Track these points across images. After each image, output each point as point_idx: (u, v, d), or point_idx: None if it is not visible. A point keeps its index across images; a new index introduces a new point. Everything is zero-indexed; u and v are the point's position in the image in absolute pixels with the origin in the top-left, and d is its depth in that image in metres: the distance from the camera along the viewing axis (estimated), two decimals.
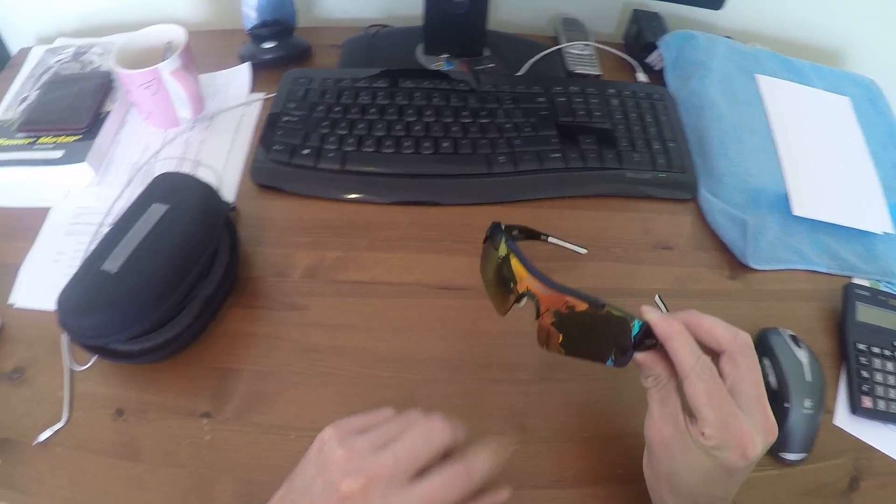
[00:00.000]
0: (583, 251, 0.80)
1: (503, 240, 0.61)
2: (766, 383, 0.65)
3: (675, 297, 0.76)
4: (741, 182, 0.86)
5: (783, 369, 0.66)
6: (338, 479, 0.47)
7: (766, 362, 0.67)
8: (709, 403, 0.48)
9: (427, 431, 0.51)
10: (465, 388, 0.68)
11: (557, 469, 0.63)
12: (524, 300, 0.59)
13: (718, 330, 0.52)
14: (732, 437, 0.48)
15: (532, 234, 0.78)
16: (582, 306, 0.54)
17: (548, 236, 0.79)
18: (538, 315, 0.58)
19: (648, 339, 0.53)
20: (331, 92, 0.92)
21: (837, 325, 0.76)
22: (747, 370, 0.50)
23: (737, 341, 0.51)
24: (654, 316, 0.53)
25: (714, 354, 0.52)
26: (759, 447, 0.48)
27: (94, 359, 0.71)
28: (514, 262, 0.59)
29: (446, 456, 0.51)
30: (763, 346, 0.69)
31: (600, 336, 0.55)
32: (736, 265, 0.80)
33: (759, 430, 0.48)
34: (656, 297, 0.72)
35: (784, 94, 1.00)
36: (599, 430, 0.66)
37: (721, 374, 0.50)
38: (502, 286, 0.62)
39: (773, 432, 0.49)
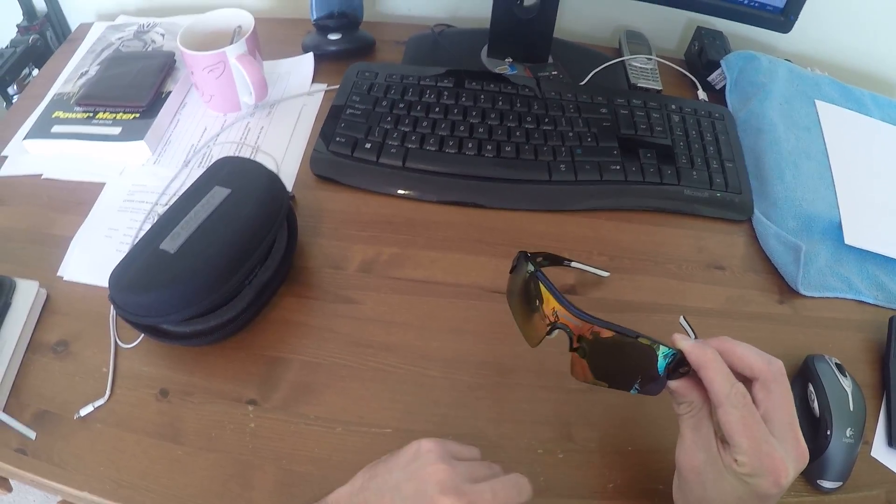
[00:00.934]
0: (605, 274, 0.80)
1: (532, 270, 0.59)
2: (810, 409, 0.66)
3: (725, 317, 0.76)
4: (795, 207, 0.86)
5: (827, 397, 0.65)
6: (434, 492, 0.48)
7: (811, 388, 0.67)
8: (743, 431, 0.49)
9: (518, 483, 0.52)
10: (515, 394, 0.69)
11: (600, 480, 0.63)
12: (556, 332, 0.58)
13: (752, 357, 0.52)
14: (765, 464, 0.48)
15: (555, 261, 0.77)
16: (612, 335, 0.54)
17: (570, 261, 0.78)
18: (571, 346, 0.57)
19: (682, 367, 0.53)
20: (395, 88, 0.93)
21: (881, 356, 0.75)
22: (780, 397, 0.50)
23: (770, 368, 0.51)
24: (686, 344, 0.53)
25: (746, 381, 0.52)
26: (790, 474, 0.48)
27: (141, 337, 0.72)
28: (545, 293, 0.57)
29: None
30: (809, 372, 0.69)
31: (633, 365, 0.55)
32: (786, 290, 0.80)
33: (791, 457, 0.48)
34: (681, 318, 0.72)
35: (843, 121, 1.00)
36: (644, 444, 0.66)
37: (754, 401, 0.50)
38: (533, 317, 0.60)
39: (805, 459, 0.49)
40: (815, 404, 0.66)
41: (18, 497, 1.70)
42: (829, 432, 0.63)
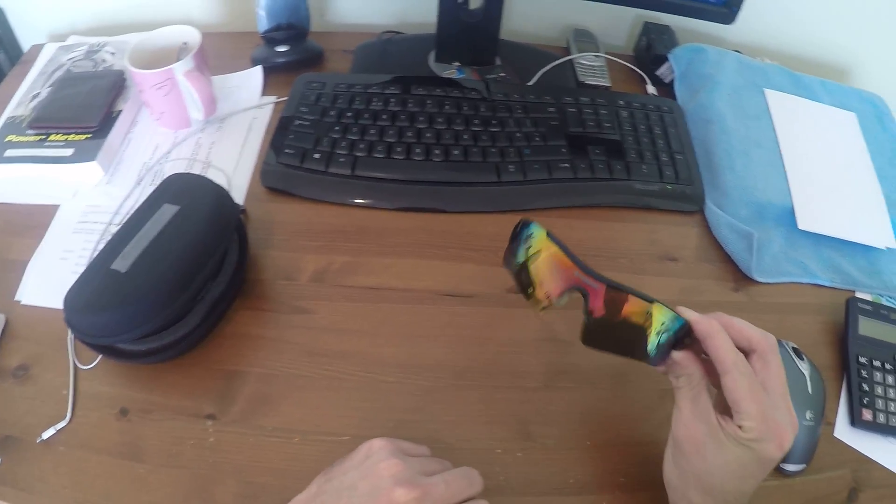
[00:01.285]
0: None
1: (545, 234, 0.59)
2: None
3: (681, 308, 0.76)
4: (747, 195, 0.87)
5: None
6: (389, 486, 0.49)
7: None
8: (751, 398, 0.50)
9: (469, 475, 0.55)
10: (472, 395, 0.69)
11: (561, 476, 0.64)
12: (565, 297, 0.58)
13: (749, 330, 0.55)
14: (771, 429, 0.50)
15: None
16: (633, 301, 0.55)
17: None
18: (586, 310, 0.57)
19: (686, 337, 0.55)
20: (343, 97, 0.93)
21: (839, 338, 0.77)
22: (776, 368, 0.53)
23: (766, 341, 0.54)
24: (693, 315, 0.55)
25: (743, 353, 0.54)
26: (791, 439, 0.51)
27: (99, 358, 0.72)
28: (561, 257, 0.58)
29: None
30: None
31: (642, 332, 0.55)
32: (740, 277, 0.81)
33: (788, 423, 0.51)
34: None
35: (791, 108, 1.01)
36: (603, 439, 0.66)
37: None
38: (537, 282, 0.59)
39: (796, 428, 0.52)
40: None
41: None
42: None
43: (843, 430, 0.69)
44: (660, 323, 0.54)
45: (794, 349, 0.70)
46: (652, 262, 0.82)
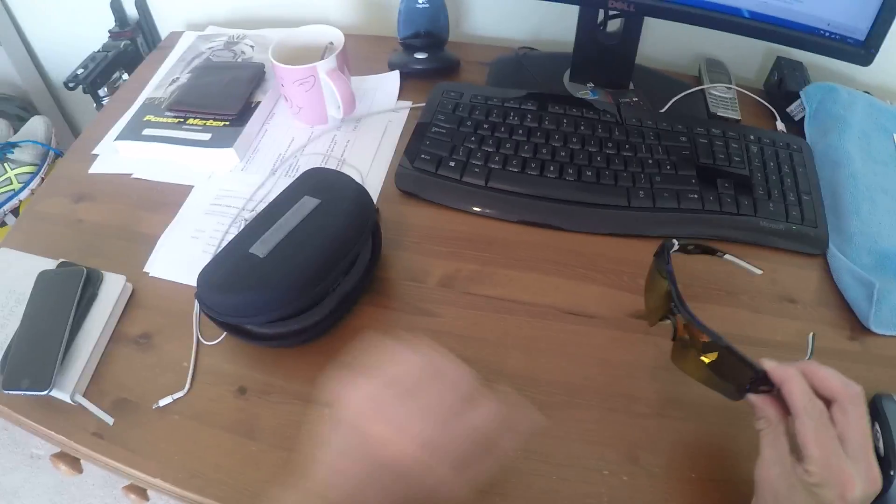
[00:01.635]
0: (758, 272, 0.80)
1: (665, 264, 0.67)
2: (876, 449, 0.64)
3: (795, 351, 0.75)
4: (871, 242, 0.86)
5: (893, 436, 0.64)
6: None
7: (877, 427, 0.66)
8: (815, 441, 0.51)
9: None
10: (584, 414, 0.70)
11: None
12: (668, 320, 0.67)
13: (832, 379, 0.55)
14: (834, 475, 0.50)
15: (708, 251, 0.79)
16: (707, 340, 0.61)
17: (724, 253, 0.80)
18: (674, 336, 0.66)
19: (764, 385, 0.57)
20: (480, 109, 0.96)
21: None
22: (856, 418, 0.53)
23: (847, 391, 0.54)
24: (771, 364, 0.57)
25: (827, 403, 0.54)
26: (858, 490, 0.50)
27: (223, 336, 0.75)
28: (668, 286, 0.66)
29: None
30: (875, 410, 0.68)
31: (722, 370, 0.61)
32: (857, 327, 0.80)
33: (861, 476, 0.51)
34: (810, 335, 0.73)
35: None
36: (708, 473, 0.66)
37: (832, 422, 0.53)
38: (657, 300, 0.69)
39: (876, 483, 0.52)
40: (881, 444, 0.65)
41: (76, 479, 1.76)
42: (892, 472, 0.63)
43: None
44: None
45: None
46: (771, 302, 0.81)
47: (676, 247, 0.71)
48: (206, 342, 0.75)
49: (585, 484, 0.65)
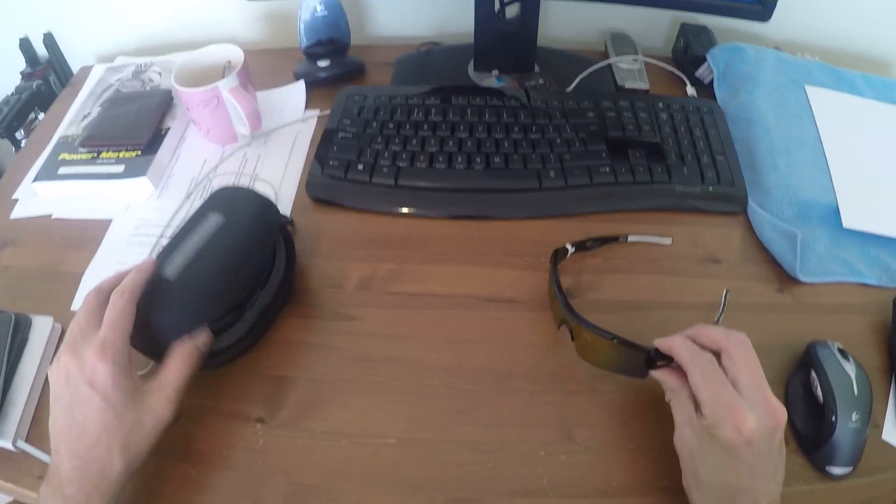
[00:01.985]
0: (667, 241, 0.83)
1: (552, 274, 0.73)
2: (814, 396, 0.66)
3: (725, 309, 0.75)
4: (791, 195, 0.86)
5: (830, 382, 0.65)
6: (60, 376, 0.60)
7: (813, 375, 0.67)
8: (703, 384, 0.55)
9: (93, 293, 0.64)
10: (515, 399, 0.69)
11: (603, 479, 0.64)
12: (562, 326, 0.71)
13: (715, 332, 0.59)
14: (724, 412, 0.53)
15: (608, 240, 0.82)
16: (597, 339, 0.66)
17: (626, 236, 0.83)
18: (571, 338, 0.70)
19: (661, 360, 0.62)
20: (384, 109, 0.95)
21: (887, 338, 0.75)
22: (743, 361, 0.56)
23: (730, 339, 0.58)
24: (659, 339, 0.62)
25: (718, 357, 0.58)
26: (751, 422, 0.52)
27: (151, 364, 0.73)
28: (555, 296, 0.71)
29: None
30: (810, 358, 0.68)
31: (621, 358, 0.66)
32: (785, 278, 0.80)
33: (758, 410, 0.53)
34: (725, 291, 0.77)
35: (834, 105, 1.00)
36: (645, 442, 0.66)
37: (723, 370, 0.56)
38: (555, 307, 0.73)
39: (776, 415, 0.54)
40: (819, 391, 0.65)
41: None
42: (833, 418, 0.63)
43: (891, 433, 0.67)
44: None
45: (839, 350, 0.68)
46: (695, 265, 0.81)
47: (572, 250, 0.78)
48: (137, 372, 0.73)
49: (523, 467, 0.64)
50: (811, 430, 0.65)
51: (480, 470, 0.64)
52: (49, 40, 1.33)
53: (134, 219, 0.91)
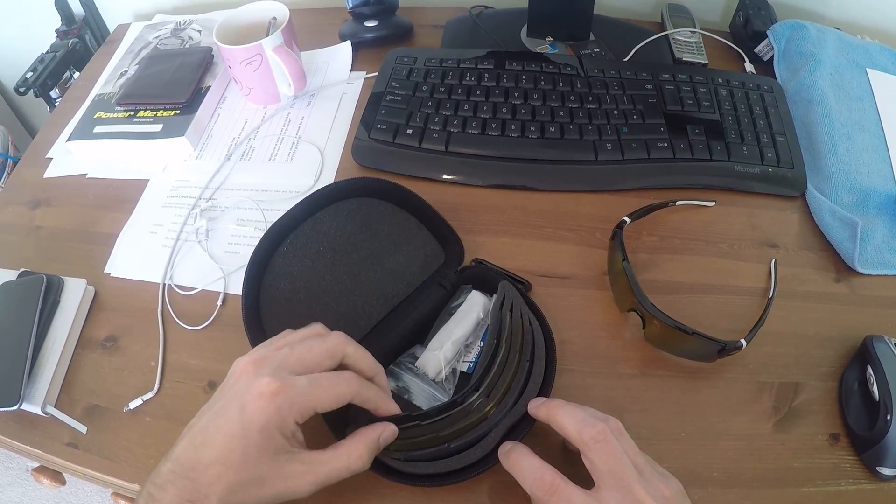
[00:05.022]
0: (710, 204, 0.82)
1: (621, 258, 0.70)
2: (869, 393, 0.64)
3: (779, 297, 0.73)
4: (850, 181, 0.83)
5: (887, 380, 0.63)
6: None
7: (870, 371, 0.65)
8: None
9: (330, 344, 0.56)
10: (566, 379, 0.67)
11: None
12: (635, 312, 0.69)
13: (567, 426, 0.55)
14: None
15: (657, 207, 0.80)
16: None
17: (674, 201, 0.81)
18: (644, 325, 0.68)
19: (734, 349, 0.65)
20: (435, 72, 0.92)
21: None
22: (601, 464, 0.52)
23: (581, 437, 0.53)
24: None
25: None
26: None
27: (188, 330, 0.73)
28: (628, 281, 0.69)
29: None
30: (867, 353, 0.66)
31: (694, 347, 0.66)
32: (843, 268, 0.78)
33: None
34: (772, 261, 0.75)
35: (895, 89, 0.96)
36: (696, 430, 0.64)
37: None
38: (621, 290, 0.71)
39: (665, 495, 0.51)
40: (875, 388, 0.63)
41: (74, 488, 1.76)
42: (889, 417, 0.61)
43: None
44: None
45: None
46: (752, 248, 0.79)
47: (629, 222, 0.75)
48: (172, 339, 0.73)
49: (572, 452, 0.62)
50: (864, 428, 0.63)
51: None
52: None
53: (171, 180, 0.90)
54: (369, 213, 0.73)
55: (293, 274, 0.68)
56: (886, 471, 0.61)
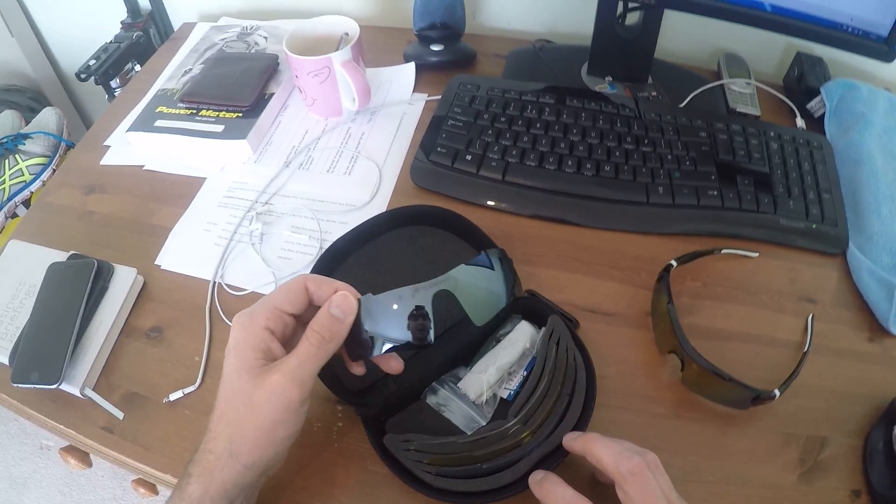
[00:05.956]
0: (754, 255, 0.83)
1: (666, 301, 0.72)
2: (893, 453, 0.64)
3: (813, 352, 0.74)
4: (891, 243, 0.84)
5: None
6: None
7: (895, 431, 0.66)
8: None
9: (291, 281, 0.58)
10: (602, 414, 0.68)
11: None
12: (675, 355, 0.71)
13: (604, 459, 0.56)
14: None
15: (704, 253, 0.82)
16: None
17: (720, 249, 0.82)
18: (682, 368, 0.70)
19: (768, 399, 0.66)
20: (497, 101, 0.95)
21: None
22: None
23: (619, 470, 0.54)
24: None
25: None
26: None
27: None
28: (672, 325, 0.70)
29: None
30: (894, 413, 0.67)
31: (729, 393, 0.67)
32: (877, 328, 0.78)
33: None
34: (810, 316, 0.77)
35: None
36: (724, 475, 0.65)
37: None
38: (664, 331, 0.72)
39: None
40: None
41: (86, 471, 1.76)
42: None
43: None
44: None
45: None
46: (791, 302, 0.80)
47: (675, 266, 0.77)
48: (218, 336, 0.75)
49: (602, 485, 0.63)
50: (886, 487, 0.64)
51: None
52: None
53: (228, 181, 0.92)
54: (431, 242, 0.76)
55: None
56: None
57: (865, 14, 0.83)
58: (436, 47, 1.06)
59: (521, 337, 0.70)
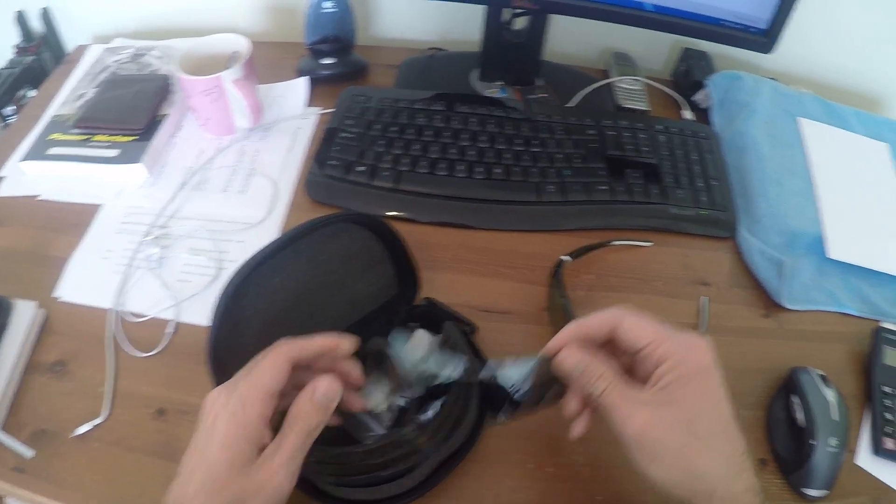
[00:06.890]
0: (648, 244, 0.85)
1: (560, 295, 0.74)
2: (794, 420, 0.67)
3: (711, 332, 0.77)
4: (779, 223, 0.88)
5: (811, 407, 0.67)
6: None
7: (795, 399, 0.69)
8: (648, 333, 0.56)
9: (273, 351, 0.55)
10: None
11: (588, 494, 0.65)
12: None
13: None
14: (679, 346, 0.55)
15: (596, 246, 0.83)
16: None
17: (610, 241, 0.84)
18: None
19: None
20: (388, 111, 0.95)
21: (865, 367, 0.76)
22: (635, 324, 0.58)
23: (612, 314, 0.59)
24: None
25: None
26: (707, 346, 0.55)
27: (137, 357, 0.73)
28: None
29: None
30: (792, 383, 0.70)
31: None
32: (770, 304, 0.82)
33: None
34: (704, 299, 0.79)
35: (825, 138, 1.02)
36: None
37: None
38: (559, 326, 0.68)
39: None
40: (800, 415, 0.67)
41: None
42: (812, 442, 0.65)
43: (865, 458, 0.69)
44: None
45: (820, 376, 0.70)
46: (685, 287, 0.83)
47: (568, 260, 0.79)
48: (121, 365, 0.73)
49: (511, 478, 0.65)
50: (790, 453, 0.67)
51: (470, 481, 0.65)
52: (46, 15, 1.31)
53: (124, 206, 0.90)
54: (350, 239, 0.71)
55: (261, 304, 0.66)
56: (812, 492, 0.65)
57: (745, 9, 0.87)
58: (327, 60, 1.06)
59: (419, 346, 0.71)
